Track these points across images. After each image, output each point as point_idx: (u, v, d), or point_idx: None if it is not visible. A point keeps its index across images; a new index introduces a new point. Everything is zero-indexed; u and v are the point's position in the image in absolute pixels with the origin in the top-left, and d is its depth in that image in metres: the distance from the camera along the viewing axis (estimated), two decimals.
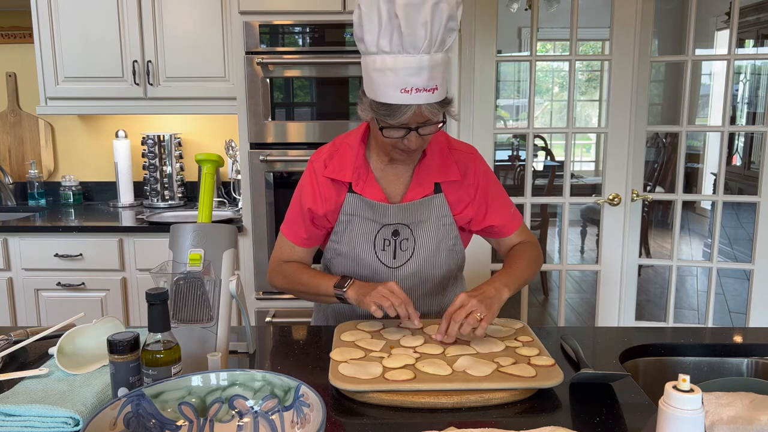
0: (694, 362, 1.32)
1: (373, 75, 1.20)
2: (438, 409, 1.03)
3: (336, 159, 1.40)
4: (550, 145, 6.45)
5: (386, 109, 1.20)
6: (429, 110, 1.21)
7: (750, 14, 5.39)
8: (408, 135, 1.24)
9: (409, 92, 1.17)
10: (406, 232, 1.40)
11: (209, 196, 1.27)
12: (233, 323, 1.25)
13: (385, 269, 1.42)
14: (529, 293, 2.84)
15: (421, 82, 1.17)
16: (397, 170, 1.40)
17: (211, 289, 1.16)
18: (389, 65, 1.17)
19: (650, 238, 5.24)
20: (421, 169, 1.39)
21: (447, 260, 1.46)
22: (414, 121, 1.22)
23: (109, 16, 2.64)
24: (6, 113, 3.10)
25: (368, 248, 1.41)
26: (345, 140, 1.43)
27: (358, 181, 1.38)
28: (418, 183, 1.39)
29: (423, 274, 1.43)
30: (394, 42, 1.16)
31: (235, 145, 2.84)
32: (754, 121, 5.71)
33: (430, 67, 1.17)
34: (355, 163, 1.38)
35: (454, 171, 1.40)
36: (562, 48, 7.37)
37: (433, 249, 1.42)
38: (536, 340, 1.25)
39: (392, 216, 1.38)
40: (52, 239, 2.53)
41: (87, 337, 1.18)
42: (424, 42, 1.15)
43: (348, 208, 1.40)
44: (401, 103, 1.18)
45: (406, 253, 1.41)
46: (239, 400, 0.92)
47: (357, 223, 1.40)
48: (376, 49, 1.18)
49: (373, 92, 1.22)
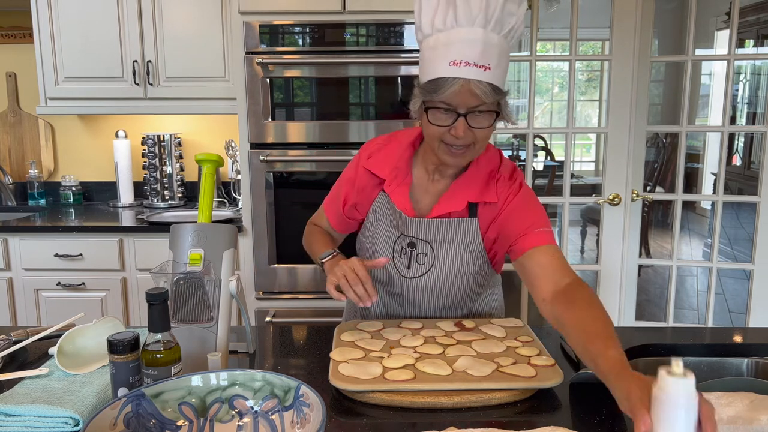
0: (694, 362, 1.32)
1: (426, 54, 1.15)
2: (438, 409, 1.03)
3: (382, 153, 1.35)
4: (550, 145, 6.45)
5: (433, 85, 1.12)
6: (479, 88, 1.10)
7: (750, 14, 5.39)
8: (456, 122, 1.13)
9: (458, 65, 1.09)
10: (424, 247, 1.33)
11: (209, 196, 1.27)
12: (233, 323, 1.25)
13: (399, 277, 1.37)
14: (529, 293, 2.84)
15: (472, 56, 1.09)
16: (436, 184, 1.32)
17: (211, 289, 1.16)
18: (442, 41, 1.12)
19: (650, 238, 5.24)
20: (459, 183, 1.29)
21: (467, 284, 1.37)
22: (462, 103, 1.12)
23: (109, 17, 2.64)
24: (6, 113, 3.10)
25: (387, 251, 1.37)
26: (400, 136, 1.37)
27: (392, 182, 1.32)
28: (451, 196, 1.29)
29: (438, 290, 1.37)
30: (449, 18, 1.11)
31: (235, 145, 2.84)
32: (754, 121, 5.71)
33: (484, 42, 1.10)
34: (397, 163, 1.32)
35: (492, 192, 1.28)
36: (562, 48, 7.37)
37: (452, 271, 1.34)
38: (536, 340, 1.25)
39: (410, 228, 1.32)
40: (52, 239, 2.53)
41: (87, 337, 1.18)
42: (479, 14, 1.09)
43: (377, 205, 1.37)
44: (448, 75, 1.10)
45: (422, 267, 1.35)
46: (239, 400, 0.91)
47: (382, 223, 1.37)
48: (431, 30, 1.14)
49: (424, 72, 1.16)
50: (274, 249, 2.47)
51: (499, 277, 1.50)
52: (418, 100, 1.19)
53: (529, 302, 2.85)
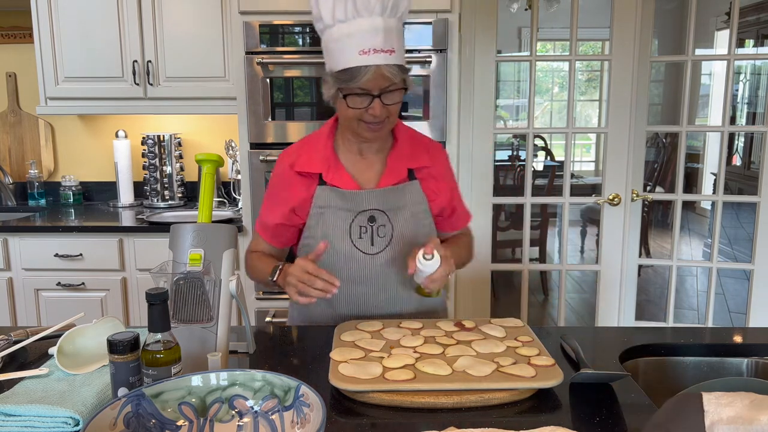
0: (694, 362, 1.32)
1: (332, 45, 1.26)
2: (438, 409, 1.03)
3: (304, 154, 1.42)
4: (550, 145, 6.45)
5: (347, 74, 1.24)
6: (389, 71, 1.24)
7: (750, 14, 5.39)
8: (372, 103, 1.26)
9: (367, 53, 1.22)
10: (382, 218, 1.41)
11: (209, 196, 1.27)
12: (233, 323, 1.25)
13: (363, 257, 1.41)
14: (529, 293, 2.84)
15: (378, 43, 1.22)
16: (367, 159, 1.43)
17: (211, 289, 1.16)
18: (346, 32, 1.23)
19: (650, 238, 5.24)
20: (393, 156, 1.42)
21: None
22: (376, 86, 1.25)
23: (109, 16, 2.64)
24: (6, 113, 3.11)
25: (344, 238, 1.40)
26: (311, 137, 1.46)
27: (328, 172, 1.39)
28: (392, 168, 1.41)
29: (402, 261, 1.41)
30: (349, 9, 1.22)
31: (235, 145, 2.84)
32: (754, 121, 5.71)
33: (385, 29, 1.23)
34: (323, 154, 1.40)
35: (424, 157, 1.43)
36: (562, 48, 7.37)
37: (410, 236, 1.42)
38: (536, 340, 1.25)
39: (367, 202, 1.40)
40: (52, 239, 2.53)
41: (87, 337, 1.18)
42: (377, 4, 1.21)
43: (319, 200, 1.41)
44: (360, 64, 1.22)
45: (384, 240, 1.41)
46: (239, 400, 0.92)
47: (330, 215, 1.40)
48: (332, 21, 1.24)
49: (334, 62, 1.26)
50: None
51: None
52: (331, 87, 1.30)
53: (529, 302, 2.85)
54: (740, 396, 0.95)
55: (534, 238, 4.05)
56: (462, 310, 2.73)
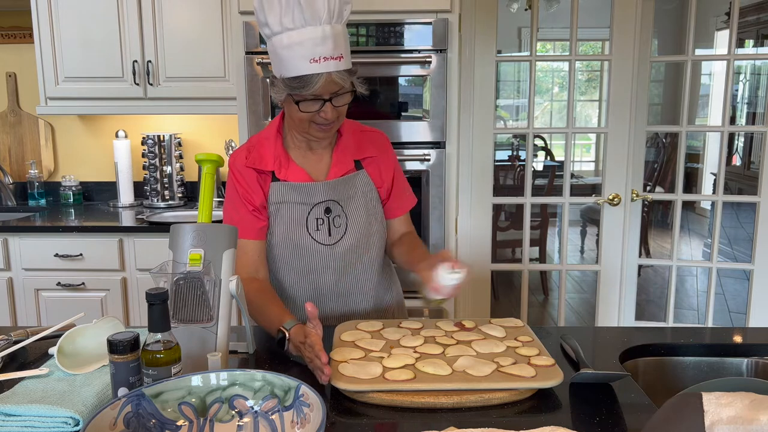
0: (694, 362, 1.32)
1: (282, 53, 1.27)
2: (438, 409, 1.03)
3: (254, 152, 1.44)
4: (550, 145, 6.45)
5: (299, 82, 1.26)
6: (339, 77, 1.27)
7: (750, 14, 5.39)
8: (323, 107, 1.30)
9: (318, 61, 1.25)
10: (337, 208, 1.45)
11: (209, 196, 1.27)
12: (233, 323, 1.25)
13: (322, 248, 1.44)
14: (529, 293, 2.84)
15: (328, 51, 1.25)
16: (316, 154, 1.46)
17: (211, 289, 1.16)
18: (295, 40, 1.25)
19: (650, 238, 5.25)
20: (339, 149, 1.47)
21: (380, 234, 1.51)
22: (327, 91, 1.28)
23: (109, 16, 2.64)
24: (6, 113, 3.11)
25: (302, 231, 1.43)
26: (259, 136, 1.48)
27: (280, 169, 1.43)
28: (339, 161, 1.46)
29: (359, 248, 1.47)
30: (297, 17, 1.24)
31: (235, 145, 2.84)
32: (754, 121, 5.71)
33: (333, 36, 1.26)
34: (274, 152, 1.43)
35: (370, 148, 1.49)
36: (562, 48, 7.37)
37: (364, 223, 1.47)
38: (536, 340, 1.25)
39: (321, 194, 1.43)
40: (52, 239, 2.53)
41: (87, 337, 1.18)
42: (324, 13, 1.24)
43: (274, 197, 1.43)
44: (312, 72, 1.25)
45: (340, 230, 1.45)
46: (239, 400, 0.92)
47: (286, 210, 1.43)
48: (280, 28, 1.26)
49: (285, 69, 1.28)
50: None
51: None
52: (282, 91, 1.32)
53: (529, 302, 2.85)
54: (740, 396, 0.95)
55: (534, 238, 4.05)
56: (462, 310, 2.73)
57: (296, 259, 1.46)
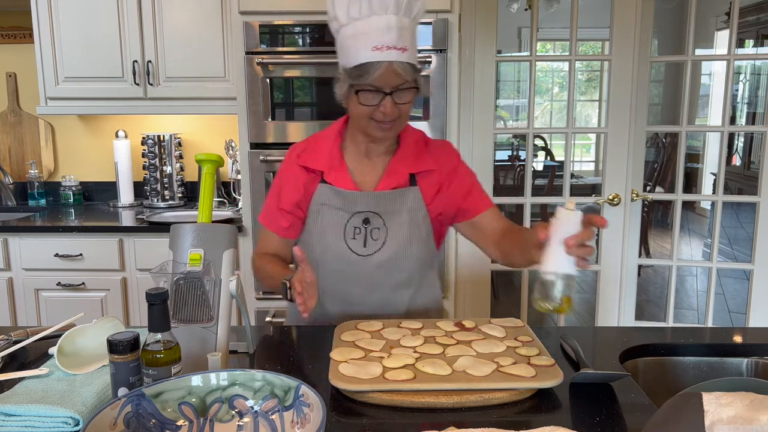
0: (694, 362, 1.32)
1: (347, 43, 1.27)
2: (438, 409, 1.03)
3: (311, 149, 1.44)
4: (550, 145, 6.45)
5: (360, 70, 1.25)
6: (401, 68, 1.25)
7: (750, 14, 5.39)
8: (383, 101, 1.27)
9: (381, 49, 1.23)
10: (377, 221, 1.41)
11: (209, 196, 1.27)
12: (233, 323, 1.25)
13: (356, 257, 1.41)
14: (529, 293, 2.84)
15: (391, 40, 1.23)
16: (371, 161, 1.43)
17: (211, 289, 1.16)
18: (360, 29, 1.24)
19: (650, 238, 5.24)
20: (396, 159, 1.42)
21: (419, 253, 1.44)
22: (388, 84, 1.26)
23: (109, 16, 2.64)
24: (6, 113, 3.11)
25: (338, 237, 1.41)
26: (320, 134, 1.47)
27: (330, 171, 1.41)
28: (392, 172, 1.41)
29: (394, 264, 1.42)
30: (363, 7, 1.24)
31: (235, 145, 2.84)
32: (754, 121, 5.72)
33: (398, 27, 1.24)
34: (329, 153, 1.42)
35: (428, 161, 1.43)
36: (562, 48, 7.37)
37: (405, 240, 1.41)
38: (536, 340, 1.25)
39: (362, 204, 1.40)
40: (52, 239, 2.53)
41: (87, 337, 1.18)
42: (391, 3, 1.23)
43: (318, 197, 1.42)
44: (373, 60, 1.23)
45: (377, 243, 1.41)
46: (239, 400, 0.92)
47: (326, 213, 1.42)
48: (347, 19, 1.26)
49: (348, 59, 1.27)
50: None
51: (439, 256, 1.54)
52: (344, 84, 1.31)
53: (529, 302, 2.85)
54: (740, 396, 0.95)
55: None
56: (462, 310, 2.73)
57: (329, 264, 1.43)
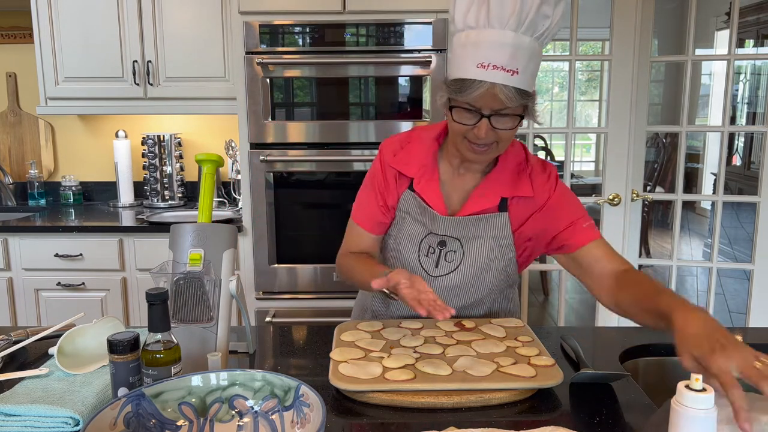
0: None
1: (457, 51, 1.15)
2: (438, 409, 1.03)
3: (406, 151, 1.33)
4: (550, 145, 6.44)
5: (459, 85, 1.12)
6: (504, 94, 1.10)
7: (750, 14, 5.39)
8: (479, 123, 1.14)
9: (486, 68, 1.09)
10: (454, 244, 1.32)
11: (209, 196, 1.27)
12: (233, 323, 1.25)
13: (425, 275, 1.34)
14: (528, 293, 2.84)
15: (501, 59, 1.09)
16: (463, 177, 1.32)
17: (211, 289, 1.16)
18: (472, 40, 1.12)
19: (650, 238, 5.24)
20: (489, 179, 1.29)
21: (495, 280, 1.35)
22: (486, 105, 1.12)
23: (109, 16, 2.64)
24: (6, 113, 3.11)
25: (413, 250, 1.34)
26: (420, 133, 1.36)
27: (420, 180, 1.31)
28: (481, 193, 1.29)
29: (465, 289, 1.35)
30: (482, 16, 1.10)
31: (235, 145, 2.84)
32: (754, 121, 5.72)
33: (514, 46, 1.09)
34: (423, 160, 1.31)
35: (526, 186, 1.29)
36: (562, 48, 7.37)
37: (481, 267, 1.32)
38: (536, 340, 1.25)
39: (441, 227, 1.31)
40: (52, 239, 2.53)
41: (87, 337, 1.18)
42: (511, 17, 1.08)
43: (404, 204, 1.35)
44: (474, 78, 1.10)
45: (450, 265, 1.33)
46: (239, 400, 0.92)
47: (408, 222, 1.35)
48: (462, 25, 1.14)
49: (451, 69, 1.16)
50: (274, 249, 2.47)
51: (519, 278, 1.44)
52: (444, 95, 1.19)
53: (529, 302, 2.85)
54: None
55: None
56: None
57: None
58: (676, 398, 0.75)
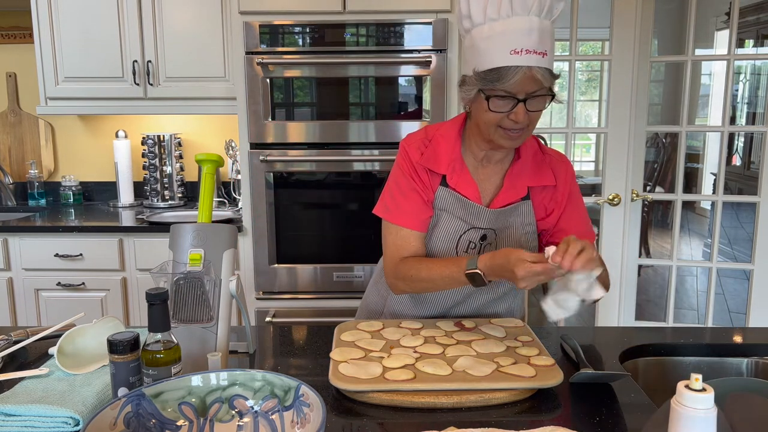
0: (694, 362, 1.32)
1: (481, 45, 1.18)
2: (438, 409, 1.03)
3: (431, 149, 1.34)
4: (550, 145, 6.44)
5: (495, 74, 1.16)
6: (540, 74, 1.16)
7: (750, 14, 5.39)
8: (515, 108, 1.18)
9: (519, 53, 1.14)
10: (491, 236, 1.34)
11: (209, 196, 1.27)
12: (233, 323, 1.25)
13: None
14: (529, 293, 2.84)
15: (532, 44, 1.14)
16: (487, 169, 1.35)
17: (211, 289, 1.16)
18: (498, 30, 1.16)
19: (650, 238, 5.24)
20: (514, 171, 1.34)
21: None
22: (523, 90, 1.17)
23: (109, 16, 2.64)
24: (6, 113, 3.11)
25: (451, 248, 1.34)
26: (438, 131, 1.36)
27: (452, 175, 1.32)
28: (511, 185, 1.33)
29: (495, 281, 1.34)
30: (503, 7, 1.16)
31: (235, 145, 2.84)
32: (754, 121, 5.72)
33: (540, 30, 1.15)
34: (450, 155, 1.32)
35: (548, 176, 1.35)
36: (562, 48, 7.36)
37: None
38: (536, 340, 1.25)
39: (485, 219, 1.32)
40: (52, 239, 2.53)
41: (87, 337, 1.18)
42: (534, 3, 1.15)
43: (439, 202, 1.34)
44: (511, 64, 1.15)
45: None
46: (239, 400, 0.91)
47: (445, 220, 1.34)
48: (483, 19, 1.18)
49: (481, 61, 1.19)
50: (274, 249, 2.47)
51: None
52: (472, 88, 1.22)
53: (529, 302, 2.85)
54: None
55: None
56: None
57: None
58: (676, 398, 0.76)
